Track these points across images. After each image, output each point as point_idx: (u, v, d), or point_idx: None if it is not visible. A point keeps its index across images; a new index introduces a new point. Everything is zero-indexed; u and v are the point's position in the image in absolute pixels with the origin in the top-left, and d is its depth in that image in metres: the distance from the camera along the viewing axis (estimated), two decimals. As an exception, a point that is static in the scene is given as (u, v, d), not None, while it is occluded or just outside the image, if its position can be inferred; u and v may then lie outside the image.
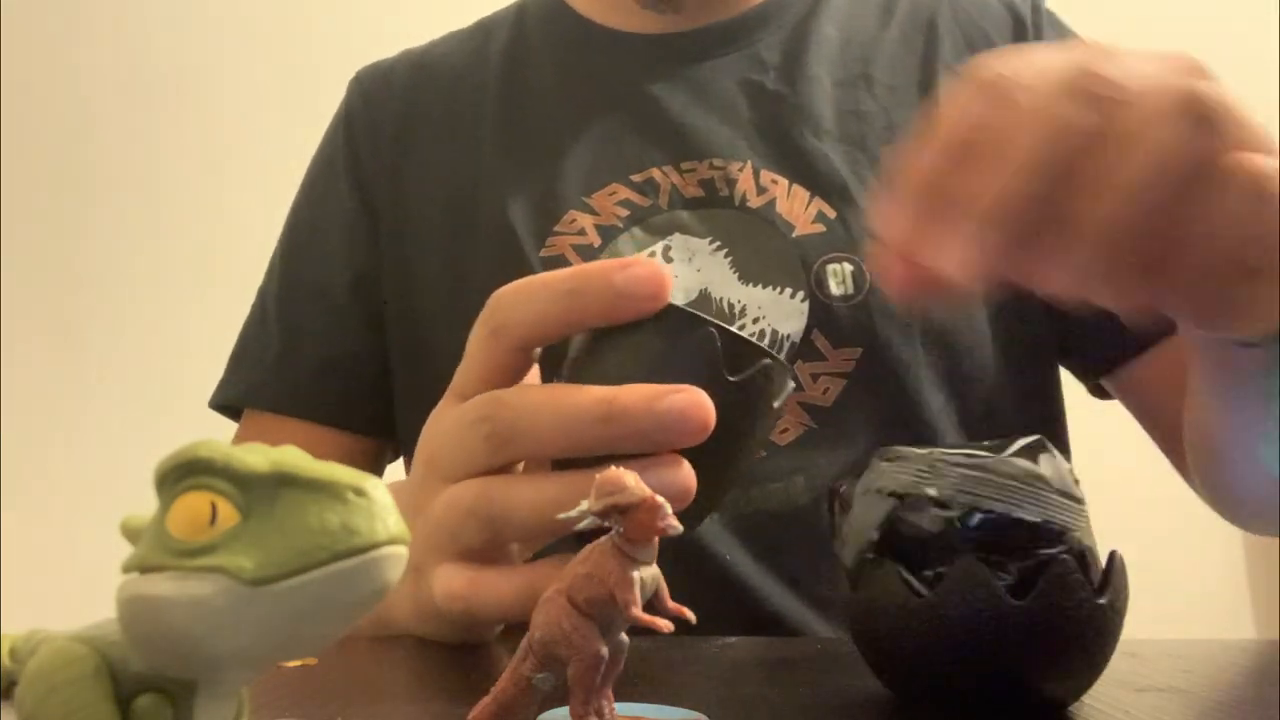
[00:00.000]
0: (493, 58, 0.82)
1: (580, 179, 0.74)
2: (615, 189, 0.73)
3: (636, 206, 0.72)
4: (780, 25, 0.78)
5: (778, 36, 0.78)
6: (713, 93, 0.76)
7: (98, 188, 2.03)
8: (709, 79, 0.76)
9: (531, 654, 0.33)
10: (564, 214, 0.72)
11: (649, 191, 0.72)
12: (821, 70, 0.76)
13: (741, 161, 0.72)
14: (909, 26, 0.79)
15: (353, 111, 0.84)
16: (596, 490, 0.31)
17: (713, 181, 0.72)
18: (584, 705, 0.32)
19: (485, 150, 0.78)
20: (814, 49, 0.77)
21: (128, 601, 0.25)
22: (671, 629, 0.31)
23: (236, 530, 0.25)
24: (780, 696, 0.44)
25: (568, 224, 0.72)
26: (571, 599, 0.32)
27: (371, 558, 0.24)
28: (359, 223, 0.81)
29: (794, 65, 0.76)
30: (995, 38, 0.77)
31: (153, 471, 0.26)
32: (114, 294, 2.01)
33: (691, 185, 0.72)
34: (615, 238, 0.71)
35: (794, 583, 0.67)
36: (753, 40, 0.78)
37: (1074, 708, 0.43)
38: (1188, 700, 0.45)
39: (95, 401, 1.97)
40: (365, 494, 0.25)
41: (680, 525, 0.32)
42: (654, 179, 0.73)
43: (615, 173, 0.74)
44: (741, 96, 0.75)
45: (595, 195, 0.72)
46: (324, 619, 0.25)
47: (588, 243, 0.71)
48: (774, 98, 0.75)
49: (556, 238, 0.71)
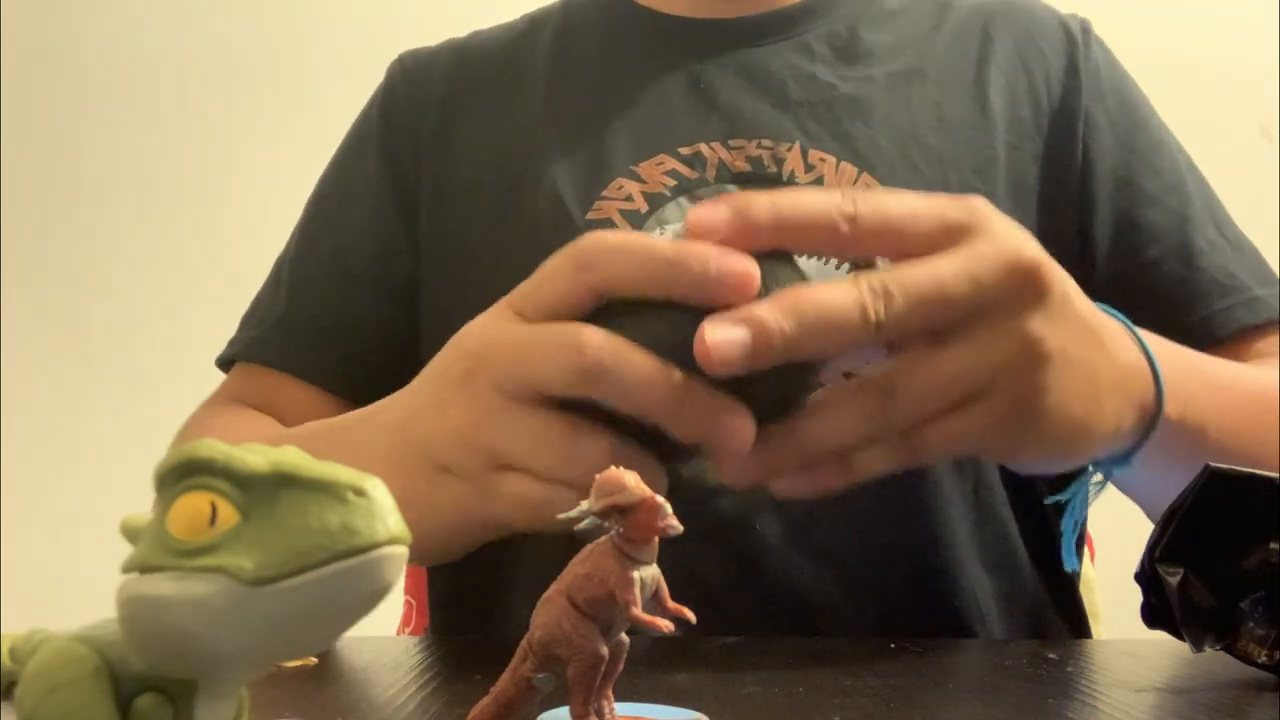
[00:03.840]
0: (543, 43, 0.82)
1: (628, 149, 0.75)
2: (663, 159, 0.74)
3: (684, 178, 0.73)
4: (829, 21, 0.79)
5: (826, 30, 0.78)
6: (763, 76, 0.76)
7: (98, 187, 2.04)
8: (759, 63, 0.77)
9: (531, 654, 0.33)
10: (611, 181, 0.73)
11: (696, 165, 0.73)
12: (873, 67, 0.76)
13: (790, 142, 0.73)
14: (962, 30, 0.79)
15: (393, 90, 0.84)
16: (596, 490, 0.31)
17: (761, 159, 0.73)
18: (584, 705, 0.32)
19: (534, 121, 0.78)
20: (864, 48, 0.77)
21: (128, 601, 0.25)
22: (672, 629, 0.31)
23: (236, 530, 0.25)
24: (780, 696, 0.44)
25: (615, 190, 0.72)
26: (571, 599, 0.32)
27: (371, 558, 0.24)
28: (386, 197, 0.81)
29: (843, 60, 0.77)
30: (1049, 52, 0.78)
31: (153, 471, 0.26)
32: (115, 294, 2.01)
33: (739, 161, 0.73)
34: (662, 205, 0.72)
35: (824, 555, 0.66)
36: (802, 30, 0.78)
37: (1073, 707, 0.44)
38: (1187, 700, 0.45)
39: (95, 402, 1.97)
40: (365, 494, 0.25)
41: (679, 526, 0.32)
42: (701, 153, 0.73)
43: (663, 144, 0.74)
44: (791, 82, 0.76)
45: (643, 165, 0.73)
46: (324, 619, 0.25)
47: (635, 208, 0.72)
48: (825, 86, 0.75)
49: (604, 202, 0.72)
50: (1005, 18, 0.80)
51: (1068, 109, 0.76)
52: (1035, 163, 0.74)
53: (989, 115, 0.74)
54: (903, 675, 0.49)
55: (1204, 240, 0.74)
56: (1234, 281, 0.73)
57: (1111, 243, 0.74)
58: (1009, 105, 0.75)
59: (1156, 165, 0.76)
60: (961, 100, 0.75)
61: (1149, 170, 0.76)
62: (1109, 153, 0.75)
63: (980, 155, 0.73)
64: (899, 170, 0.72)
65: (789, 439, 0.46)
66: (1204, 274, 0.73)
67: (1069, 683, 0.50)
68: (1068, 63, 0.77)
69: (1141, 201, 0.75)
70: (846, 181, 0.71)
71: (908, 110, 0.74)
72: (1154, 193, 0.75)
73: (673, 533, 0.31)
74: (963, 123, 0.74)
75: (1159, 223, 0.74)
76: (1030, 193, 0.74)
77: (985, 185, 0.72)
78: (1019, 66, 0.77)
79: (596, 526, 0.32)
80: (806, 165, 0.72)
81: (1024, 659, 0.55)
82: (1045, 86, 0.76)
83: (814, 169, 0.72)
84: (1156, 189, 0.75)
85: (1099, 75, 0.78)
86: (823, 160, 0.72)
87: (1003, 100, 0.75)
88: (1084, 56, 0.78)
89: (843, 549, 0.66)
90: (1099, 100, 0.77)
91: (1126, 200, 0.75)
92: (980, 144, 0.73)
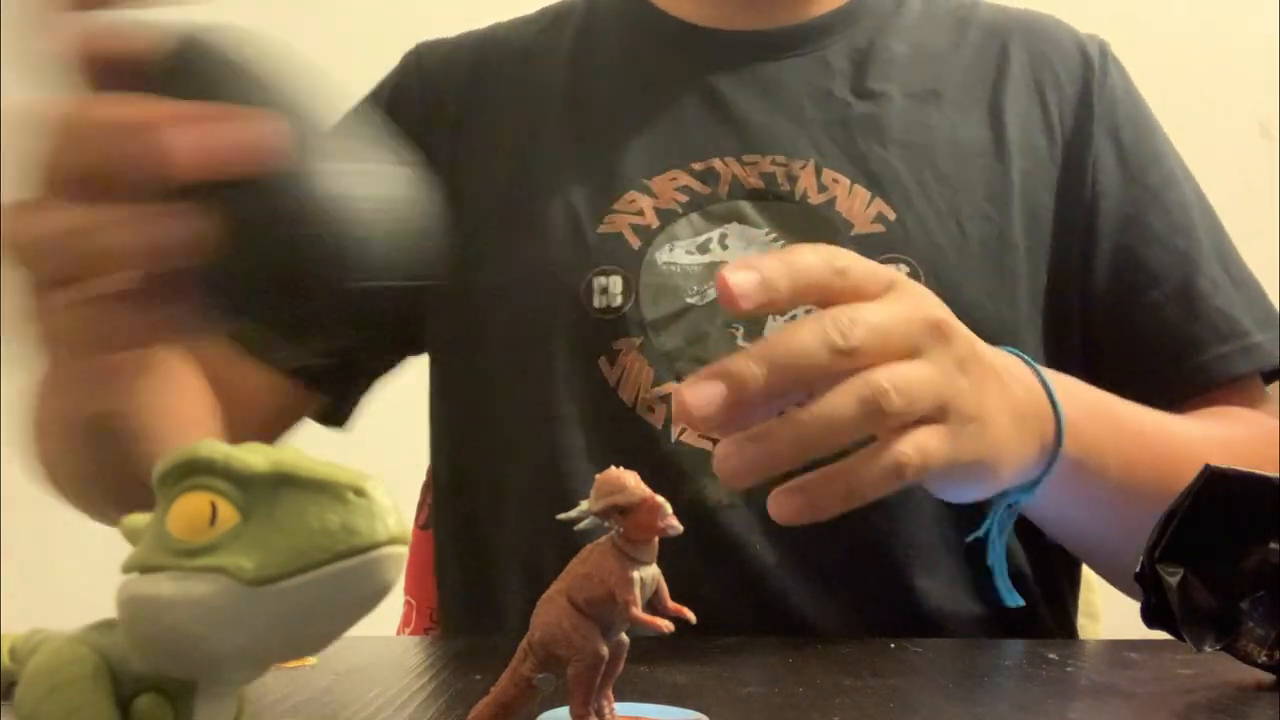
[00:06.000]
0: (564, 41, 0.81)
1: (642, 161, 0.74)
2: (676, 174, 0.73)
3: (696, 193, 0.72)
4: (849, 36, 0.78)
5: (846, 45, 0.77)
6: (779, 91, 0.76)
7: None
8: (776, 78, 0.76)
9: (531, 654, 0.33)
10: (623, 193, 0.72)
11: (709, 180, 0.72)
12: (890, 85, 0.75)
13: (804, 159, 0.72)
14: (981, 48, 0.78)
15: (406, 83, 0.82)
16: (596, 490, 0.31)
17: (774, 176, 0.72)
18: (584, 705, 0.32)
19: (550, 126, 0.77)
20: (883, 63, 0.76)
21: (128, 601, 0.25)
22: (672, 629, 0.31)
23: (236, 530, 0.25)
24: (780, 696, 0.44)
25: (626, 203, 0.72)
26: (571, 599, 0.32)
27: (371, 558, 0.24)
28: None
29: (862, 76, 0.76)
30: (1065, 79, 0.77)
31: (153, 471, 0.26)
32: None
33: (753, 177, 0.72)
34: (673, 221, 0.72)
35: (824, 579, 0.66)
36: (821, 45, 0.77)
37: (1073, 708, 0.44)
38: (1187, 700, 0.45)
39: (95, 401, 1.97)
40: (365, 494, 0.25)
41: (679, 526, 0.32)
42: (715, 168, 0.73)
43: (677, 158, 0.74)
44: (808, 98, 0.75)
45: (655, 178, 0.73)
46: (324, 619, 0.25)
47: (645, 223, 0.71)
48: (841, 104, 0.74)
49: (615, 215, 0.71)
50: (1023, 38, 0.78)
51: (1080, 138, 0.75)
52: (1049, 192, 0.74)
53: (1004, 142, 0.74)
54: (903, 675, 0.49)
55: (1207, 282, 0.74)
56: (1233, 327, 0.73)
57: (1111, 279, 0.73)
58: (1024, 132, 0.74)
59: (1166, 202, 0.76)
60: (978, 125, 0.75)
61: (1158, 207, 0.75)
62: (1119, 186, 0.75)
63: (995, 184, 0.72)
64: (913, 197, 0.71)
65: (785, 428, 0.46)
66: (1204, 320, 0.73)
67: (1069, 683, 0.50)
68: (1082, 88, 0.76)
69: (1147, 239, 0.74)
70: (859, 206, 0.71)
71: (923, 133, 0.73)
72: (1160, 231, 0.75)
73: (673, 533, 0.31)
74: (978, 149, 0.73)
75: (1163, 263, 0.74)
76: (1044, 223, 0.73)
77: (999, 214, 0.71)
78: (1034, 92, 0.76)
79: (596, 526, 0.32)
80: (820, 185, 0.71)
81: (1024, 659, 0.55)
82: (1059, 114, 0.75)
83: (826, 190, 0.71)
84: (1163, 227, 0.75)
85: (1114, 104, 0.77)
86: (836, 181, 0.71)
87: (1018, 127, 0.74)
88: (1099, 83, 0.77)
89: (842, 573, 0.66)
90: (1113, 131, 0.76)
91: (1132, 237, 0.74)
92: (995, 172, 0.73)
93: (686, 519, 0.33)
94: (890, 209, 0.71)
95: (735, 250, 0.70)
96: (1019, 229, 0.72)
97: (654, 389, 0.67)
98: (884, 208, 0.71)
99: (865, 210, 0.71)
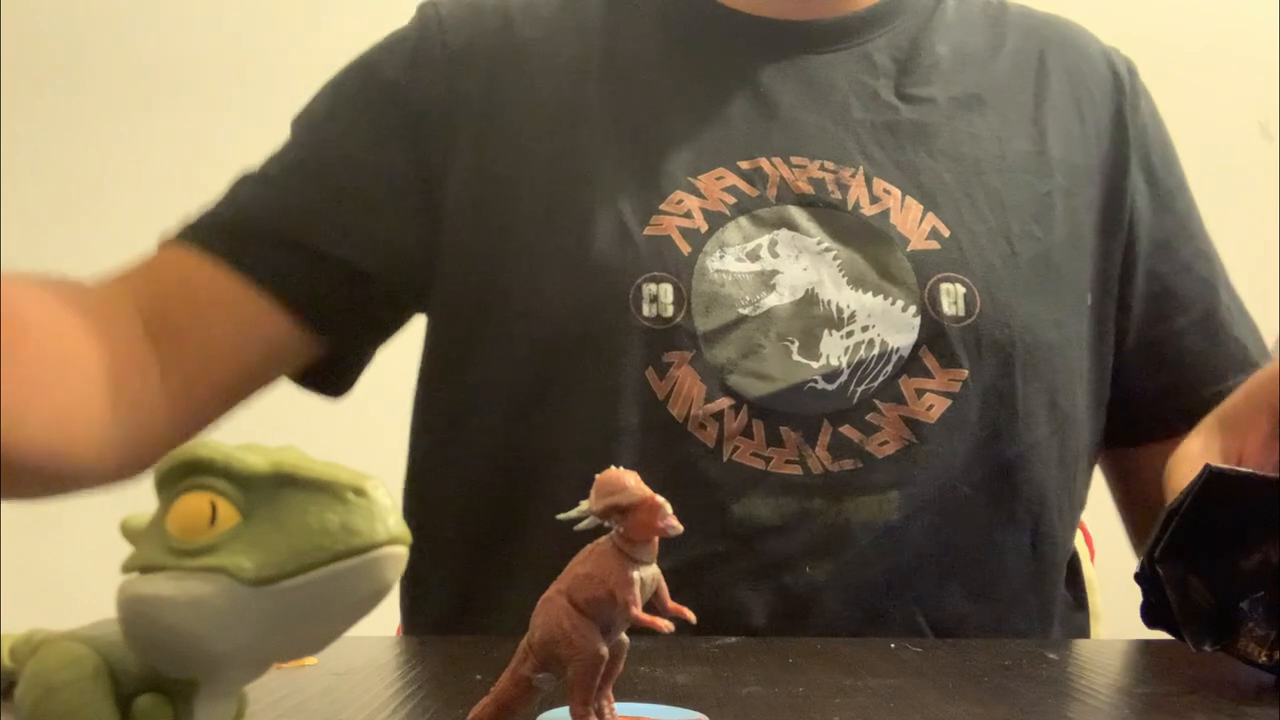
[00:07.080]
0: (594, 7, 0.76)
1: (688, 158, 0.71)
2: (723, 174, 0.70)
3: (744, 195, 0.69)
4: (891, 31, 0.76)
5: (888, 41, 0.75)
6: (824, 90, 0.73)
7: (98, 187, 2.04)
8: (820, 74, 0.74)
9: (531, 654, 0.33)
10: (670, 193, 0.69)
11: (757, 181, 0.70)
12: (935, 88, 0.74)
13: (854, 168, 0.70)
14: (1020, 58, 0.77)
15: (428, 39, 0.76)
16: (596, 490, 0.31)
17: (824, 183, 0.70)
18: (584, 705, 0.32)
19: (588, 103, 0.73)
20: (926, 64, 0.75)
21: (128, 601, 0.25)
22: (672, 629, 0.31)
23: (236, 530, 0.25)
24: (780, 696, 0.44)
25: (674, 204, 0.68)
26: (571, 599, 0.32)
27: (371, 558, 0.24)
28: (394, 139, 0.74)
29: (906, 77, 0.74)
30: (1099, 97, 0.76)
31: (153, 472, 0.26)
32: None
33: (801, 182, 0.69)
34: (723, 225, 0.68)
35: (872, 604, 0.65)
36: (864, 39, 0.75)
37: (1073, 707, 0.44)
38: (1187, 700, 0.45)
39: (95, 401, 1.97)
40: (365, 494, 0.25)
41: (680, 526, 0.32)
42: (763, 169, 0.70)
43: (723, 157, 0.71)
44: (854, 99, 0.73)
45: (702, 177, 0.69)
46: (324, 619, 0.25)
47: (695, 226, 0.68)
48: (887, 107, 0.73)
49: (663, 217, 0.68)
50: (1059, 50, 0.77)
51: (1117, 162, 0.75)
52: (1090, 212, 0.73)
53: (1047, 158, 0.73)
54: (903, 675, 0.49)
55: (1224, 309, 0.75)
56: (1245, 356, 0.74)
57: (1145, 306, 0.74)
58: (1066, 150, 0.74)
59: (1190, 229, 0.76)
60: (1022, 138, 0.74)
61: (1184, 234, 0.76)
62: (1151, 213, 0.75)
63: (1040, 201, 0.71)
64: (963, 212, 0.70)
65: None
66: (1223, 349, 0.74)
67: (1069, 683, 0.50)
68: (1115, 110, 0.76)
69: (1177, 267, 0.75)
70: (912, 221, 0.69)
71: (971, 144, 0.72)
72: (1187, 259, 0.75)
73: (673, 533, 0.31)
74: (1023, 163, 0.73)
75: (1190, 291, 0.75)
76: (1085, 243, 0.72)
77: (1044, 233, 0.70)
78: (1074, 109, 0.75)
79: (596, 526, 0.32)
80: (872, 196, 0.69)
81: (1024, 659, 0.55)
82: (1095, 133, 0.75)
83: (879, 201, 0.69)
84: (1189, 255, 0.75)
85: (1145, 129, 0.77)
86: (888, 193, 0.69)
87: (1060, 144, 0.74)
88: (1131, 106, 0.76)
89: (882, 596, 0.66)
90: (1145, 158, 0.76)
91: (1164, 264, 0.74)
92: (1039, 189, 0.72)
93: (736, 540, 0.32)
94: (944, 225, 0.69)
95: (786, 259, 0.67)
96: (1061, 249, 0.71)
97: (706, 405, 0.64)
98: (937, 223, 0.69)
99: (920, 226, 0.69)
